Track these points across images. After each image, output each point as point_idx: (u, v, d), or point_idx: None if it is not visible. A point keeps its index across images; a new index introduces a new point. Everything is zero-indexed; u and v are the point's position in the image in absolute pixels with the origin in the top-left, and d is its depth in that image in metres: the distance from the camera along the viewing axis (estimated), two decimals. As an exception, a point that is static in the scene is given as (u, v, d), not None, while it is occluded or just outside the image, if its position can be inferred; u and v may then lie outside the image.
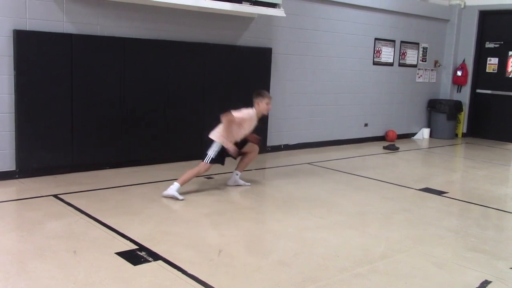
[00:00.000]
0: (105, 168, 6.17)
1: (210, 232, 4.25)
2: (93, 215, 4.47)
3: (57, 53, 5.66)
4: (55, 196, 5.00)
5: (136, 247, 3.78)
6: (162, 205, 4.90)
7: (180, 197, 5.09)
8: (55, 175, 5.74)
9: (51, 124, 5.72)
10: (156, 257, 3.61)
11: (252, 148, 5.73)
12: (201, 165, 5.31)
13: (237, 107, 7.30)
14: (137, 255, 3.63)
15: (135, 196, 5.19)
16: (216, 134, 5.40)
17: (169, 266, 3.47)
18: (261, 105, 5.54)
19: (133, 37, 6.25)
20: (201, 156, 5.41)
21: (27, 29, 5.48)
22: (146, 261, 3.54)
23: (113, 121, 6.19)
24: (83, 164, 6.00)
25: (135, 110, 6.33)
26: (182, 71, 6.70)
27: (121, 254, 3.64)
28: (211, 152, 5.31)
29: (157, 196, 5.18)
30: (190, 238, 4.06)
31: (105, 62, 6.03)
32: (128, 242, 3.88)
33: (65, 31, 5.74)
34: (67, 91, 5.77)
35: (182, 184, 5.18)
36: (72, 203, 4.79)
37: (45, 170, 5.73)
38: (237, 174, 5.78)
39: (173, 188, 5.11)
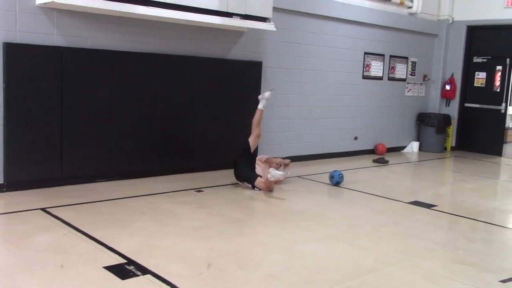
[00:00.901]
0: (95, 181, 6.14)
1: (200, 245, 4.23)
2: (81, 228, 4.44)
3: (47, 66, 5.65)
4: (44, 209, 4.96)
5: (125, 261, 3.76)
6: (152, 219, 4.88)
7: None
8: (44, 188, 5.70)
9: (40, 137, 5.69)
10: (145, 271, 3.59)
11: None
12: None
13: (227, 120, 7.36)
14: (125, 269, 3.60)
15: (125, 209, 5.16)
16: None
17: (158, 280, 3.45)
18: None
19: (123, 50, 6.26)
20: (188, 169, 5.35)
21: (17, 42, 5.47)
22: (135, 275, 3.52)
23: (103, 134, 6.17)
24: (72, 177, 5.96)
25: (125, 123, 6.33)
26: (172, 84, 6.71)
27: (110, 268, 3.61)
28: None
29: (147, 209, 5.16)
30: (179, 252, 4.04)
31: (95, 75, 6.03)
32: (116, 256, 3.85)
33: (55, 44, 5.74)
34: (57, 104, 5.76)
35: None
36: (60, 216, 4.75)
37: (34, 183, 5.69)
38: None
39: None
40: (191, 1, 6.23)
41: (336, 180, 6.83)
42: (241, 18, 6.78)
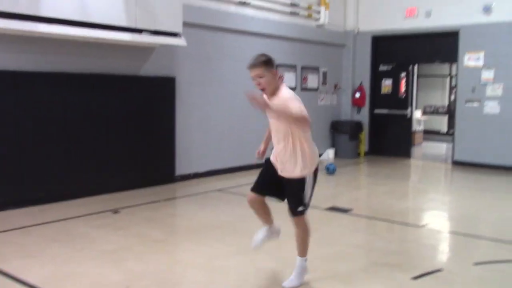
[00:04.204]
0: (4, 210, 5.78)
1: (117, 268, 4.09)
2: (-13, 261, 4.16)
3: None
4: None
5: (36, 292, 3.57)
6: (66, 245, 4.66)
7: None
8: None
9: None
10: (58, 301, 3.42)
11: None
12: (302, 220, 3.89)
13: (140, 138, 7.21)
14: (36, 301, 3.42)
15: (37, 237, 4.90)
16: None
17: (72, 309, 3.30)
18: None
19: (28, 70, 5.98)
20: (104, 190, 5.16)
21: None
22: (47, 306, 3.34)
23: (10, 159, 5.85)
24: (-23, 207, 5.60)
25: (34, 146, 6.03)
26: (82, 104, 6.49)
27: (19, 301, 3.41)
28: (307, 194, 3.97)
29: (60, 236, 4.93)
30: (95, 278, 3.89)
31: (-3, 97, 5.71)
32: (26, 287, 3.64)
33: (-50, 67, 5.39)
34: (-45, 130, 5.39)
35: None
36: (-37, 250, 4.44)
37: None
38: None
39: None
40: (98, 18, 6.08)
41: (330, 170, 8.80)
42: (151, 34, 6.70)
